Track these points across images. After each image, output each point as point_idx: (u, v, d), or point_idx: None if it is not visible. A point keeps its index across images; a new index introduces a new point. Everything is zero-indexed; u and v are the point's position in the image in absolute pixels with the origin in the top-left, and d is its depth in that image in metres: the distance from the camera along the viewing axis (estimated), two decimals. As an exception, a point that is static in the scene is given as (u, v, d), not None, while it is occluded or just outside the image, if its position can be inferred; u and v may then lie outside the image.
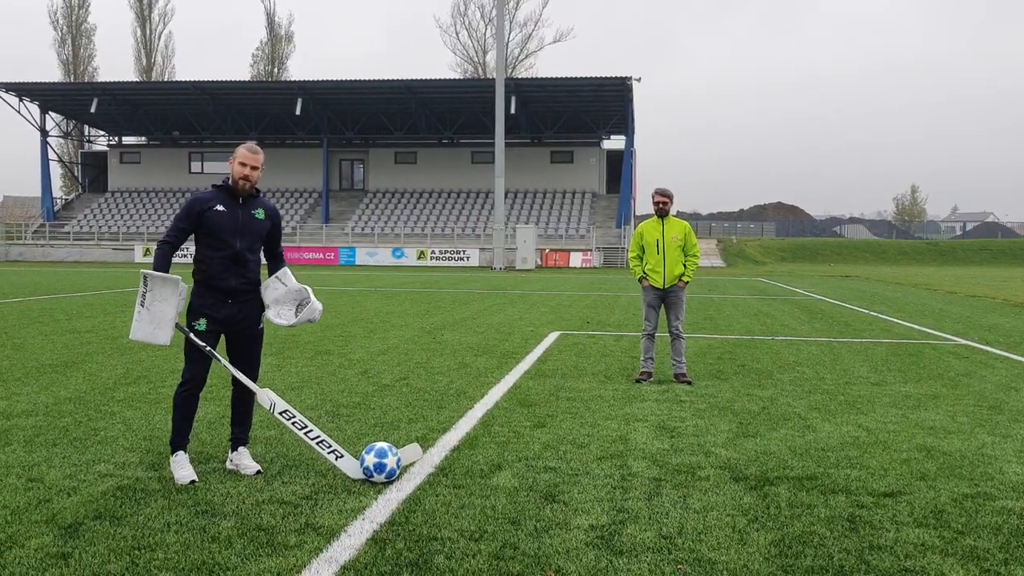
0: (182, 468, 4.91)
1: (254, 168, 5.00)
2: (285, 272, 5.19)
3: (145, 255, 49.74)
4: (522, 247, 46.61)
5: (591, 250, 49.74)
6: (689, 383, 8.54)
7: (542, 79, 55.50)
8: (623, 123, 54.81)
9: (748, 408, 7.36)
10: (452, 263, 49.32)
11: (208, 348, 4.95)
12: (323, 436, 5.08)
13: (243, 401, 5.20)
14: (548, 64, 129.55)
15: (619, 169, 55.37)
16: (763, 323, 15.28)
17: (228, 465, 5.18)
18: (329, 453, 5.03)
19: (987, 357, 10.97)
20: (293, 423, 5.07)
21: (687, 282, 8.83)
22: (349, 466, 5.01)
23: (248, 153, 5.00)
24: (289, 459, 5.43)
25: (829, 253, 59.89)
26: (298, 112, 53.52)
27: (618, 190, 55.88)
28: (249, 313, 5.11)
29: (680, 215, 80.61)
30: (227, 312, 5.01)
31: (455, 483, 4.95)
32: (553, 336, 12.75)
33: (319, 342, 11.40)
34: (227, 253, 4.96)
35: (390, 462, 4.94)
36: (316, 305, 5.18)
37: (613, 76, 49.90)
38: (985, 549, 4.04)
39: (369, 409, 7.08)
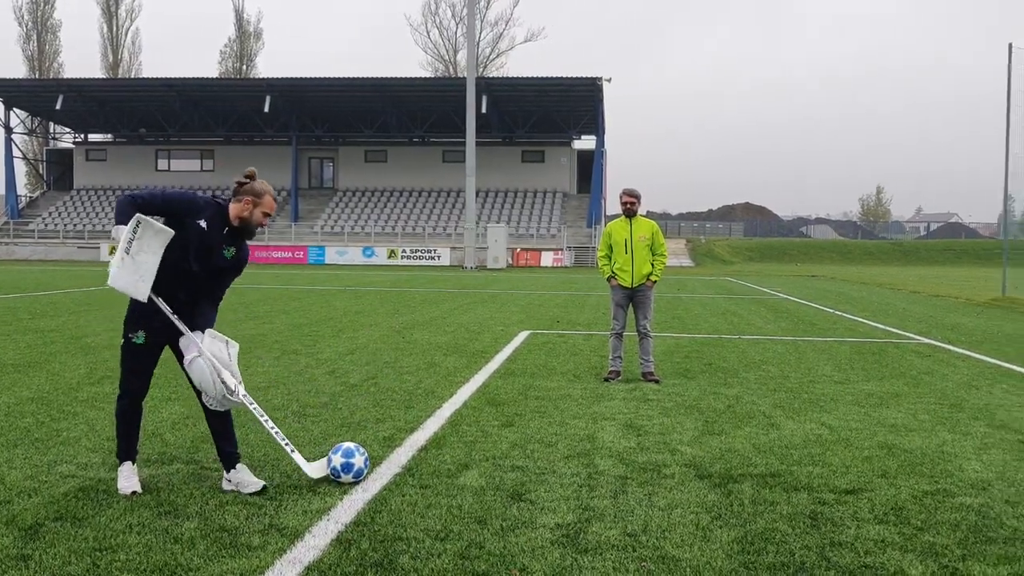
0: (126, 479, 4.69)
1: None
2: (236, 347, 4.85)
3: (111, 253, 49.13)
4: (493, 246, 46.60)
5: (562, 249, 49.83)
6: (656, 382, 8.59)
7: (513, 79, 55.56)
8: (594, 123, 55.00)
9: (714, 406, 7.43)
10: (423, 262, 49.18)
11: (172, 318, 4.63)
12: (277, 430, 4.99)
13: (218, 414, 4.87)
14: (520, 63, 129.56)
15: (590, 169, 55.55)
16: (730, 322, 15.41)
17: (225, 486, 4.80)
18: (284, 445, 4.95)
19: (949, 356, 11.15)
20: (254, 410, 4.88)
21: (655, 281, 8.89)
22: (300, 462, 4.94)
23: (273, 203, 4.83)
24: (253, 460, 5.39)
25: (796, 253, 60.50)
26: (267, 110, 53.12)
27: (589, 190, 56.07)
28: (189, 322, 4.74)
29: (650, 215, 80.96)
30: (169, 320, 4.68)
31: (422, 483, 4.95)
32: (523, 335, 12.77)
33: (286, 342, 11.34)
34: (184, 269, 4.66)
35: (358, 462, 4.93)
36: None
37: (583, 76, 50.04)
38: (944, 545, 4.10)
39: (336, 409, 7.05)
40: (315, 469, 4.97)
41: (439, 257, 49.57)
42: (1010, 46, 21.93)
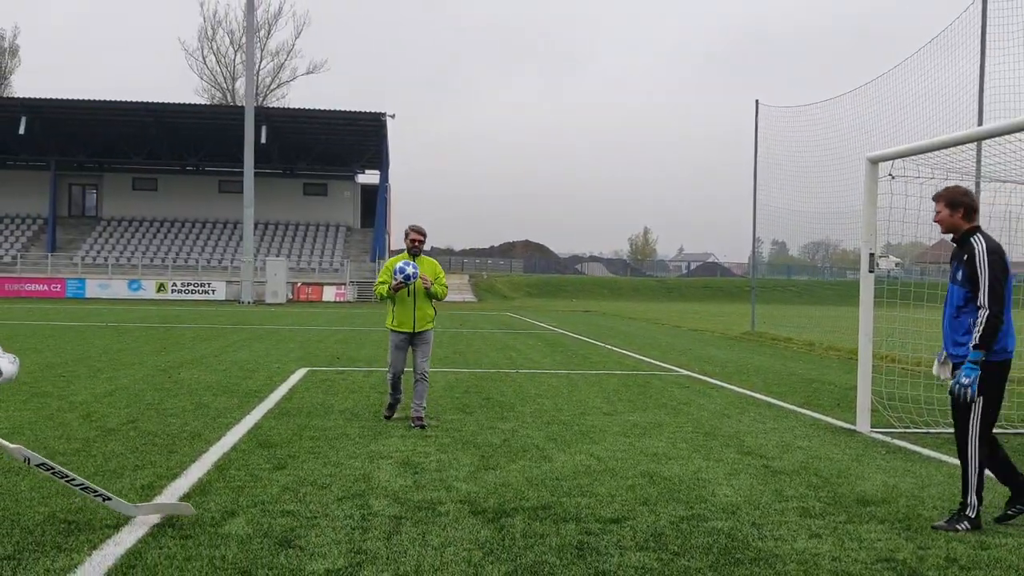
0: None
1: None
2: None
3: None
4: (272, 280, 45.22)
5: (345, 284, 49.18)
6: (423, 427, 8.19)
7: (294, 110, 54.51)
8: (378, 157, 54.96)
9: (490, 441, 7.54)
10: (196, 296, 46.91)
11: None
12: (86, 483, 4.82)
13: None
14: (303, 94, 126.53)
15: (374, 203, 55.38)
16: (508, 356, 15.77)
17: None
18: (96, 497, 4.81)
19: (705, 386, 11.97)
20: (53, 474, 4.72)
21: (437, 293, 8.65)
22: (119, 506, 4.86)
23: None
24: (-11, 516, 4.87)
25: (571, 289, 63.04)
26: (22, 131, 48.92)
27: (373, 224, 55.84)
28: None
29: (435, 251, 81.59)
30: None
31: (182, 533, 4.66)
32: (300, 373, 12.43)
33: (36, 383, 10.39)
34: None
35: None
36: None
37: (367, 111, 49.99)
38: (697, 569, 4.36)
39: (90, 456, 6.52)
40: (131, 508, 4.93)
41: (214, 291, 47.49)
42: (757, 103, 24.15)
